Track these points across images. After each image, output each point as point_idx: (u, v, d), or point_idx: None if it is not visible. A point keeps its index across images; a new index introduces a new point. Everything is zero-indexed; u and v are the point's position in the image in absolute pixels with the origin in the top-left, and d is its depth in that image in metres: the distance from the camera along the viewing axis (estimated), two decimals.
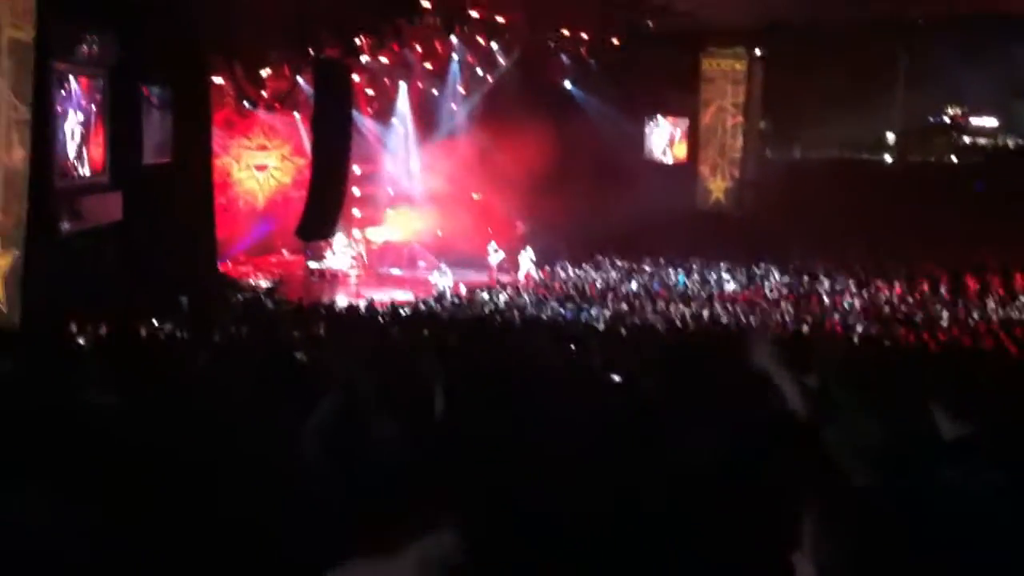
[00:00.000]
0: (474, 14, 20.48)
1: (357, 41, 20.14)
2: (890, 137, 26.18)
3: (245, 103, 21.50)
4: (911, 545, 2.09)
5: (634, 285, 21.28)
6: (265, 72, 20.46)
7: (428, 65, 24.22)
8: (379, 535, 2.00)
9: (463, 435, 3.32)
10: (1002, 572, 2.05)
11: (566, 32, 23.39)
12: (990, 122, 26.02)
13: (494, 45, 23.35)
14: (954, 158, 26.15)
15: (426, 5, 18.73)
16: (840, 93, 23.16)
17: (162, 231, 16.36)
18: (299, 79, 21.17)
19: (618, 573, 2.35)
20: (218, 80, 19.71)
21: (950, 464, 2.62)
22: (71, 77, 14.85)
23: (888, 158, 26.43)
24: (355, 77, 21.62)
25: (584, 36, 23.76)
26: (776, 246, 22.88)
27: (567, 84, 26.50)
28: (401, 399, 4.80)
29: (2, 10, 10.47)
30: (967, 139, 26.32)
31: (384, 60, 22.49)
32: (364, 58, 21.55)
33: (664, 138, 27.91)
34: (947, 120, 26.44)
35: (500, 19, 21.19)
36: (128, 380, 9.12)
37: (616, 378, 9.76)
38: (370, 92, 24.44)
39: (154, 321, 13.16)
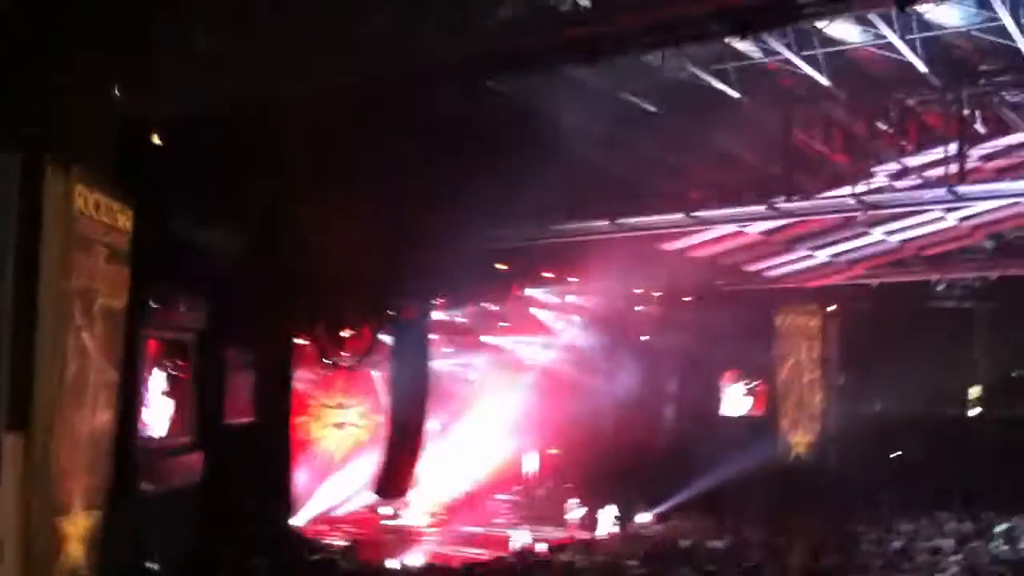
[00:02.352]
0: (547, 275, 21.10)
1: (434, 301, 20.81)
2: (973, 391, 25.64)
3: (325, 362, 22.04)
4: None
5: (720, 543, 20.51)
6: (345, 332, 21.08)
7: (504, 324, 24.82)
8: None
9: None
10: None
11: (638, 291, 23.89)
12: None
13: (569, 300, 23.87)
14: None
15: (501, 267, 19.36)
16: (919, 346, 22.97)
17: (241, 490, 16.42)
18: (378, 336, 21.75)
19: None
20: (299, 341, 20.33)
21: None
22: (158, 342, 15.47)
23: (972, 411, 25.79)
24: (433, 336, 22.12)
25: (656, 294, 24.25)
26: (864, 503, 22.14)
27: (643, 339, 26.75)
28: None
29: (99, 282, 11.06)
30: None
31: (461, 320, 23.10)
32: (441, 315, 22.16)
33: (740, 392, 27.75)
34: None
35: (572, 279, 21.77)
36: None
37: None
38: (447, 350, 24.96)
39: None
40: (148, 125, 10.86)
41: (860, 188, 14.51)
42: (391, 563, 19.33)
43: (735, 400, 27.86)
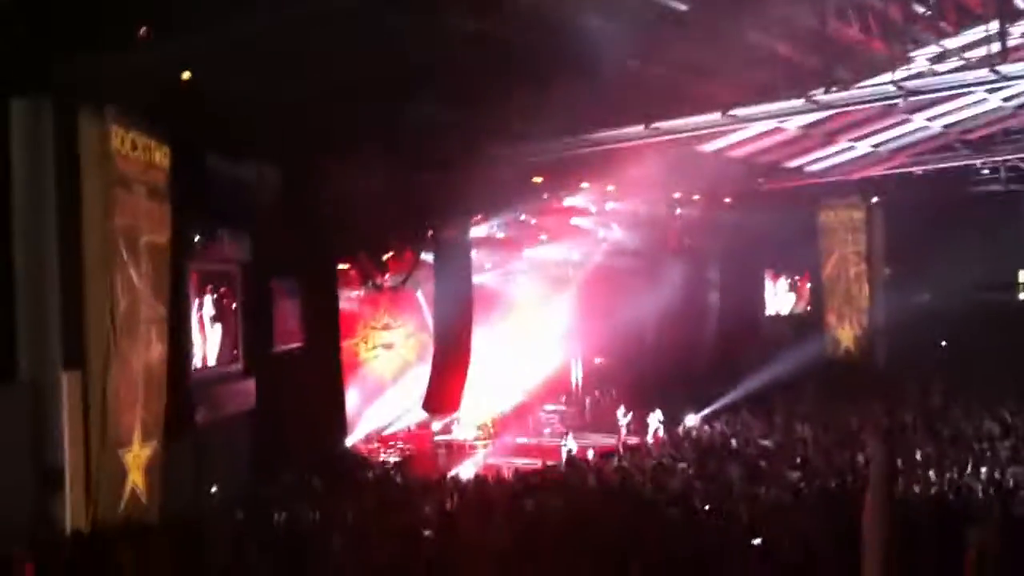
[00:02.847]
0: (585, 184, 20.93)
1: (473, 218, 20.79)
2: (1022, 275, 25.36)
3: (369, 285, 22.18)
4: None
5: (770, 441, 20.62)
6: (386, 255, 21.16)
7: (544, 236, 24.80)
8: None
9: None
10: None
11: (678, 195, 23.68)
12: None
13: (608, 207, 23.72)
14: None
15: (537, 180, 19.24)
16: (967, 232, 22.69)
17: (293, 415, 16.73)
18: (420, 256, 21.82)
19: None
20: (343, 266, 20.46)
21: None
22: (204, 274, 15.64)
23: (1022, 296, 25.55)
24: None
25: (696, 197, 24.04)
26: (914, 394, 22.09)
27: (685, 242, 26.60)
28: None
29: (141, 220, 11.20)
30: None
31: (501, 234, 23.11)
32: (481, 231, 22.16)
33: (785, 290, 27.66)
34: None
35: (610, 187, 21.58)
36: (264, 568, 9.20)
37: (757, 542, 9.40)
38: (489, 264, 25.05)
39: (288, 504, 13.31)
40: (178, 63, 10.82)
41: (899, 74, 14.15)
42: (445, 476, 19.66)
43: (780, 298, 27.78)
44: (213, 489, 14.41)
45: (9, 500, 10.25)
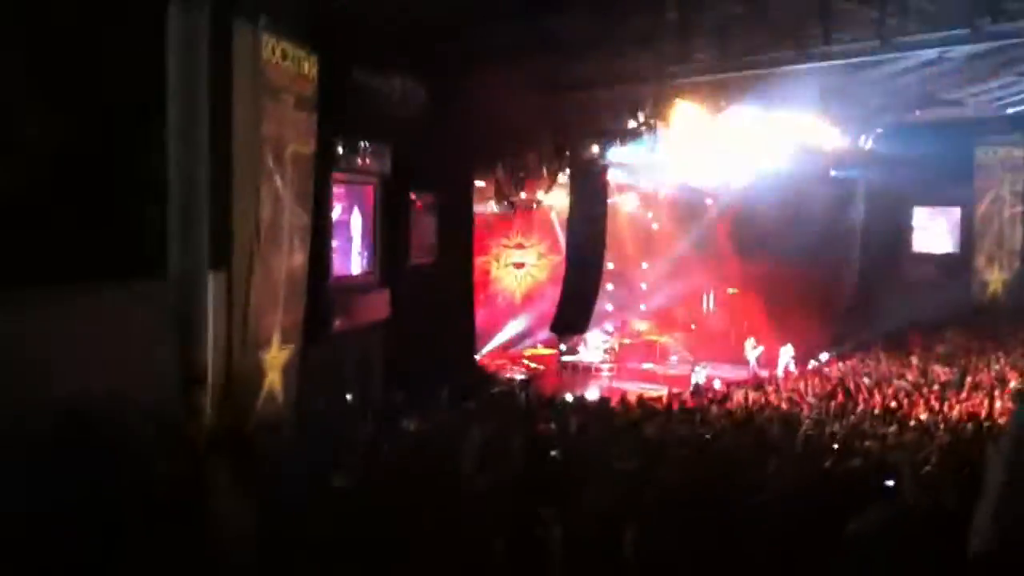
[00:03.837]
0: (729, 109, 20.29)
1: (613, 141, 20.46)
2: None
3: (505, 203, 22.26)
4: None
5: (904, 382, 19.99)
6: (523, 173, 21.14)
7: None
8: None
9: None
10: None
11: (828, 123, 22.78)
12: None
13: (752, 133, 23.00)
14: None
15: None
16: None
17: (425, 328, 17.01)
18: (557, 177, 21.72)
19: None
20: (480, 183, 20.54)
21: None
22: (346, 186, 15.93)
23: None
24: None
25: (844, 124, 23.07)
26: None
27: (832, 172, 25.71)
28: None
29: (288, 129, 11.39)
30: None
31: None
32: (617, 155, 21.84)
33: (934, 228, 26.62)
34: None
35: (757, 113, 20.88)
36: (388, 472, 9.42)
37: (889, 483, 9.16)
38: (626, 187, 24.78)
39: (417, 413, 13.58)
40: None
41: None
42: (569, 396, 19.80)
43: (928, 235, 26.76)
44: (347, 394, 14.82)
45: (155, 392, 10.67)
